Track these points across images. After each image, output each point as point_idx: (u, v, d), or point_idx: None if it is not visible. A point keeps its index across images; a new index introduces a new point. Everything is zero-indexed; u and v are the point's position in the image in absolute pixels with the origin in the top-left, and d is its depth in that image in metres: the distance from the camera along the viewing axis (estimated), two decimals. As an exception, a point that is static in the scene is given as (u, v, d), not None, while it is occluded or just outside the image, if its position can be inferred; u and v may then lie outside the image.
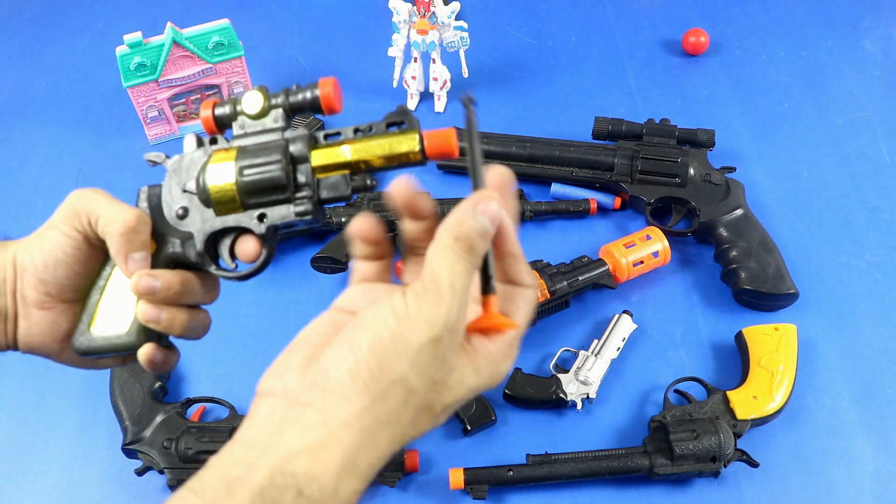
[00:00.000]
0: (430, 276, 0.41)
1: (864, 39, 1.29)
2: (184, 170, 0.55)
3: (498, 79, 1.24)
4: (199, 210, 0.54)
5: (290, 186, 0.52)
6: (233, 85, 1.15)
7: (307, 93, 0.53)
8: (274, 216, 0.53)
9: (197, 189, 0.54)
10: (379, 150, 0.52)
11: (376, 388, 0.39)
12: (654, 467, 0.80)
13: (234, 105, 0.55)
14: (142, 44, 1.06)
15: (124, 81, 1.08)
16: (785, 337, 0.88)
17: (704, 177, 1.02)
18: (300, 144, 0.52)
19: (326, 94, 0.52)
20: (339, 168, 0.52)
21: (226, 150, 0.54)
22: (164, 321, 0.53)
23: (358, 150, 0.52)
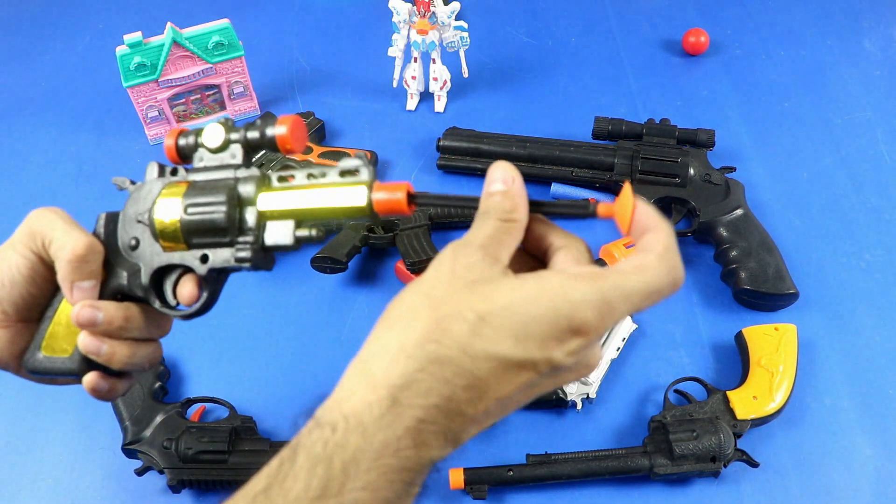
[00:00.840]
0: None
1: (864, 39, 1.29)
2: (141, 199, 0.53)
3: (498, 79, 1.24)
4: (149, 243, 0.53)
5: (232, 230, 0.50)
6: (233, 85, 1.15)
7: (266, 130, 0.51)
8: (216, 259, 0.52)
9: (148, 220, 0.52)
10: (326, 202, 0.49)
11: None
12: (654, 467, 0.80)
13: (196, 136, 0.53)
14: (142, 44, 1.06)
15: (124, 81, 1.08)
16: (785, 337, 0.88)
17: (704, 177, 1.02)
18: (250, 186, 0.50)
19: (282, 136, 0.50)
20: (286, 215, 0.50)
21: (178, 184, 0.53)
22: (105, 354, 0.52)
23: (305, 198, 0.49)
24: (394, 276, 1.00)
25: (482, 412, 0.40)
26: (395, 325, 0.40)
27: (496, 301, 0.38)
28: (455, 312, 0.38)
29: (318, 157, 1.08)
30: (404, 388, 0.38)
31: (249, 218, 0.50)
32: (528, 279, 0.39)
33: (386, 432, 0.38)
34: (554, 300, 0.38)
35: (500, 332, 0.38)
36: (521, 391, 0.40)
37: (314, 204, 0.49)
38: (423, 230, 0.98)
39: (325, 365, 0.92)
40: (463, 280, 0.39)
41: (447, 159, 1.09)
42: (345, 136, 1.17)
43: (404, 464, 0.39)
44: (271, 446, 0.82)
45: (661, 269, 0.40)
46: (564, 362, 0.39)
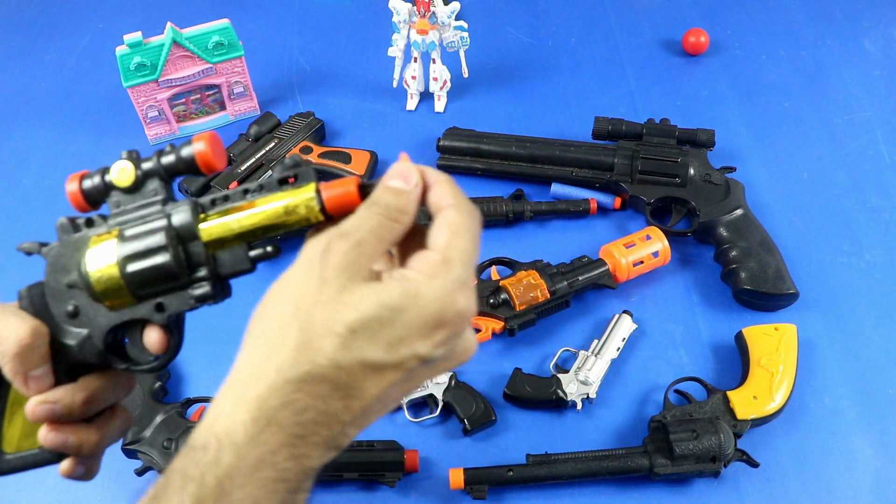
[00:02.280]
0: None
1: (864, 39, 1.29)
2: (63, 263, 0.47)
3: (498, 79, 1.24)
4: (90, 306, 0.47)
5: (182, 273, 0.46)
6: (233, 85, 1.15)
7: (182, 152, 0.46)
8: (172, 304, 0.48)
9: (81, 283, 0.47)
10: (274, 216, 0.46)
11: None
12: (654, 467, 0.80)
13: (102, 175, 0.47)
14: (142, 44, 1.06)
15: (124, 81, 1.08)
16: (785, 337, 0.88)
17: (704, 177, 1.02)
18: (185, 218, 0.46)
19: (202, 152, 0.46)
20: (235, 241, 0.46)
21: (104, 234, 0.47)
22: (72, 445, 0.48)
23: (250, 217, 0.46)
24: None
25: (360, 415, 0.41)
26: (266, 343, 0.40)
27: (364, 311, 0.39)
28: (325, 329, 0.38)
29: (318, 157, 1.08)
30: (280, 408, 0.38)
31: (197, 253, 0.46)
32: (391, 284, 0.40)
33: (261, 448, 0.38)
34: (416, 302, 0.39)
35: (371, 342, 0.39)
36: (397, 387, 0.41)
37: (262, 221, 0.46)
38: (423, 230, 0.98)
39: (325, 365, 0.92)
40: (331, 288, 0.39)
41: (447, 159, 1.09)
42: (345, 136, 1.17)
43: (284, 475, 0.38)
44: (271, 446, 0.82)
45: (467, 242, 0.42)
46: (434, 354, 0.40)
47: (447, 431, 0.87)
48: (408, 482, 0.83)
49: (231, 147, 1.09)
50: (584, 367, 0.88)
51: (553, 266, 0.94)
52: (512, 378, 0.88)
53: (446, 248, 0.41)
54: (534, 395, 0.87)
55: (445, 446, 0.86)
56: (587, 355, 0.90)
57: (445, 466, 0.83)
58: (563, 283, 0.92)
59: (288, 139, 1.10)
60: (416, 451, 0.83)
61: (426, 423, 0.88)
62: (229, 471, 0.37)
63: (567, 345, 0.93)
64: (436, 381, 0.88)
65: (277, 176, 0.46)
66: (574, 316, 0.96)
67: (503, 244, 1.03)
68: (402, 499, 0.82)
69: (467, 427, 0.85)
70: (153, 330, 0.48)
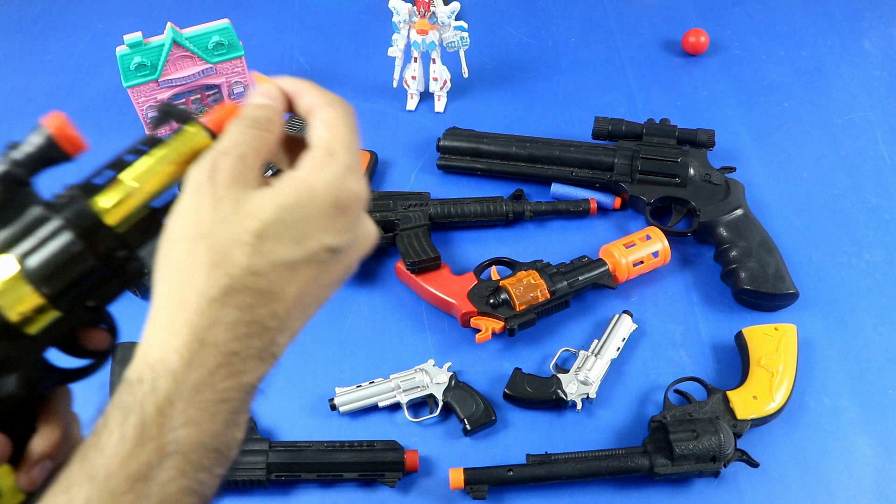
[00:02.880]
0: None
1: (864, 39, 1.29)
2: None
3: (498, 79, 1.24)
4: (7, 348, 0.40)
5: (102, 265, 0.41)
6: (233, 85, 1.15)
7: (33, 139, 0.41)
8: (103, 299, 0.42)
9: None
10: (172, 164, 0.43)
11: None
12: (654, 467, 0.80)
13: None
14: (142, 44, 1.06)
15: (124, 81, 1.08)
16: (785, 337, 0.88)
17: (704, 177, 1.02)
18: (79, 209, 0.40)
19: (59, 130, 0.41)
20: (142, 209, 0.42)
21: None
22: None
23: (147, 175, 0.42)
24: (394, 276, 1.00)
25: (286, 319, 0.41)
26: (179, 272, 0.40)
27: (265, 216, 0.39)
28: (232, 241, 0.39)
29: (318, 157, 1.08)
30: (210, 328, 0.38)
31: (108, 238, 0.41)
32: (282, 184, 0.41)
33: (198, 371, 0.38)
34: (311, 194, 0.41)
35: (279, 242, 0.40)
36: (313, 283, 0.42)
37: (162, 179, 0.43)
38: (423, 230, 0.98)
39: (325, 365, 0.92)
40: (227, 204, 0.40)
41: (447, 159, 1.09)
42: (345, 136, 1.16)
43: (224, 395, 0.39)
44: (271, 446, 0.82)
45: (345, 131, 0.44)
46: (340, 242, 0.42)
47: (447, 431, 0.87)
48: (408, 482, 0.83)
49: None
50: (584, 367, 0.88)
51: (553, 266, 0.94)
52: (512, 378, 0.88)
53: (327, 141, 0.43)
54: (534, 395, 0.87)
55: (445, 446, 0.86)
56: (587, 355, 0.90)
57: (445, 466, 0.83)
58: (563, 283, 0.92)
59: (288, 139, 1.09)
60: (416, 451, 0.83)
61: (426, 423, 0.88)
62: (169, 397, 0.37)
63: (567, 345, 0.93)
64: (436, 381, 0.88)
65: (153, 129, 0.45)
66: (574, 316, 0.96)
67: (503, 244, 1.03)
68: (402, 499, 0.82)
69: (467, 427, 0.85)
70: (95, 331, 0.46)
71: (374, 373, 0.90)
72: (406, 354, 0.93)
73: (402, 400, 0.87)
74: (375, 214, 1.00)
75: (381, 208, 1.01)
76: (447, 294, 0.93)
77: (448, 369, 0.89)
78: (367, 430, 0.87)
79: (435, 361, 0.90)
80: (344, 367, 0.92)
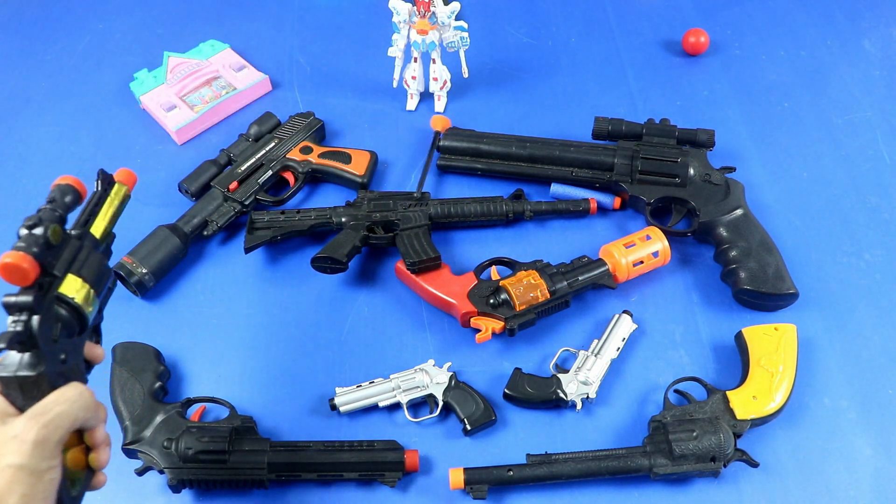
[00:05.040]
0: None
1: (864, 39, 1.29)
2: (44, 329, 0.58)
3: (498, 79, 1.24)
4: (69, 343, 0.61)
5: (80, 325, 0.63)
6: (231, 65, 1.23)
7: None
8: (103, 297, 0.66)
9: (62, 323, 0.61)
10: (111, 222, 0.68)
11: None
12: (654, 467, 0.80)
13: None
14: (147, 73, 1.21)
15: (139, 95, 1.18)
16: (785, 337, 0.88)
17: (704, 177, 1.02)
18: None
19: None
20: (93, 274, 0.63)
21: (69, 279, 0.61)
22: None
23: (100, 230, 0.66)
24: (394, 276, 1.00)
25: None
26: None
27: None
28: None
29: (318, 157, 1.09)
30: None
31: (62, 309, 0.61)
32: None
33: None
34: None
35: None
36: None
37: (108, 228, 0.68)
38: (423, 230, 0.98)
39: (325, 365, 0.92)
40: None
41: (447, 159, 1.09)
42: (345, 136, 1.17)
43: None
44: (271, 446, 0.82)
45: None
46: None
47: (447, 431, 0.87)
48: (408, 482, 0.83)
49: (231, 147, 1.09)
50: (584, 367, 0.88)
51: (553, 266, 0.94)
52: (512, 378, 0.88)
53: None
54: (534, 394, 0.87)
55: (445, 446, 0.86)
56: (587, 355, 0.90)
57: (445, 466, 0.83)
58: (563, 283, 0.92)
59: (288, 139, 1.10)
60: (416, 450, 0.83)
61: (426, 423, 0.88)
62: None
63: (567, 345, 0.93)
64: (436, 381, 0.88)
65: (95, 201, 0.67)
66: (574, 316, 0.96)
67: (503, 244, 1.03)
68: (402, 499, 0.82)
69: (467, 427, 0.85)
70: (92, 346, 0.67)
71: (374, 373, 0.90)
72: (406, 354, 0.93)
73: (402, 400, 0.87)
74: (375, 214, 1.00)
75: (381, 208, 1.01)
76: (447, 294, 0.93)
77: (448, 369, 0.89)
78: (367, 430, 0.87)
79: (435, 361, 0.90)
80: (344, 367, 0.92)
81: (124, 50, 1.30)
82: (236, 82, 1.20)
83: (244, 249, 0.99)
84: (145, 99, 1.18)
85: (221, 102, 1.17)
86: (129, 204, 0.70)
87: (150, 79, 1.20)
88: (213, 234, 1.01)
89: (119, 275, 0.95)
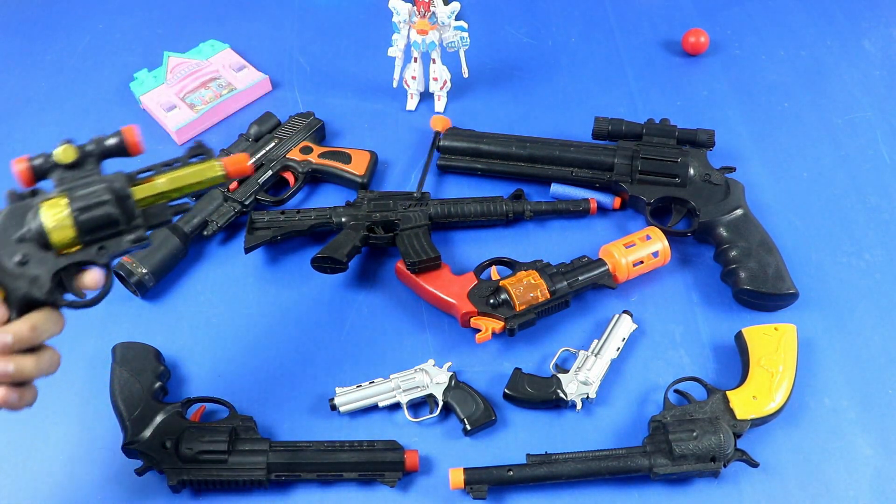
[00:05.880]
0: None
1: (864, 39, 1.29)
2: (13, 222, 0.61)
3: (498, 79, 1.24)
4: (38, 254, 0.61)
5: (122, 220, 0.62)
6: (230, 65, 1.23)
7: (114, 136, 0.64)
8: (112, 247, 0.63)
9: (32, 235, 0.61)
10: (189, 179, 0.66)
11: None
12: (654, 467, 0.80)
13: (46, 158, 0.62)
14: (147, 73, 1.21)
15: (139, 95, 1.18)
16: (785, 337, 0.88)
17: (704, 177, 1.02)
18: (120, 184, 0.62)
19: (131, 139, 0.64)
20: (159, 198, 0.65)
21: (53, 198, 0.61)
22: (13, 372, 0.59)
23: (171, 180, 0.65)
24: (394, 276, 1.00)
25: None
26: None
27: None
28: None
29: (318, 157, 1.09)
30: None
31: (131, 207, 0.63)
32: None
33: None
34: None
35: None
36: None
37: (180, 184, 0.65)
38: (423, 230, 0.98)
39: (325, 365, 0.92)
40: None
41: (447, 159, 1.09)
42: (345, 136, 1.17)
43: None
44: (271, 446, 0.82)
45: None
46: None
47: (447, 431, 0.87)
48: (408, 482, 0.83)
49: (231, 147, 1.09)
50: (584, 367, 0.88)
51: (553, 266, 0.94)
52: (512, 378, 0.88)
53: None
54: (534, 394, 0.87)
55: (445, 446, 0.86)
56: (587, 355, 0.90)
57: (445, 466, 0.83)
58: (563, 283, 0.92)
59: (288, 139, 1.10)
60: (416, 450, 0.83)
61: (426, 422, 0.88)
62: None
63: (567, 345, 0.93)
64: (436, 381, 0.88)
65: (188, 155, 0.66)
66: (574, 316, 0.96)
67: (503, 244, 1.03)
68: (402, 499, 0.82)
69: (467, 427, 0.85)
70: (92, 271, 0.64)
71: (374, 373, 0.90)
72: (406, 354, 0.93)
73: (402, 400, 0.87)
74: (375, 214, 1.00)
75: (381, 208, 1.01)
76: (447, 294, 0.93)
77: (448, 369, 0.89)
78: (367, 430, 0.87)
79: (435, 361, 0.90)
80: (344, 367, 0.92)
81: (124, 50, 1.30)
82: (236, 82, 1.20)
83: (244, 249, 0.99)
84: (145, 99, 1.18)
85: (221, 102, 1.17)
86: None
87: (150, 79, 1.20)
88: (213, 234, 1.01)
89: (119, 275, 0.95)
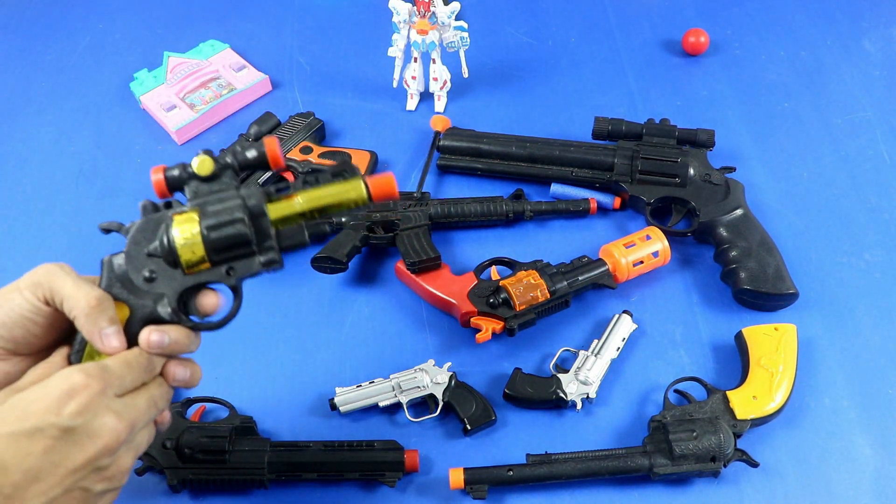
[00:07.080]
0: None
1: (864, 39, 1.29)
2: (146, 236, 0.58)
3: (498, 79, 1.24)
4: (166, 271, 0.58)
5: (254, 240, 0.57)
6: (230, 65, 1.22)
7: (254, 149, 0.59)
8: (241, 269, 0.58)
9: (162, 251, 0.57)
10: (330, 199, 0.59)
11: None
12: (653, 467, 0.80)
13: (183, 169, 0.58)
14: (147, 73, 1.21)
15: (139, 95, 1.18)
16: (785, 337, 0.88)
17: (704, 177, 1.02)
18: (256, 200, 0.57)
19: (272, 151, 0.59)
20: (295, 219, 0.59)
21: (186, 212, 0.57)
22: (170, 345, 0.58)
23: (310, 200, 0.58)
24: (394, 276, 1.00)
25: (10, 489, 0.48)
26: None
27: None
28: None
29: (318, 157, 1.09)
30: None
31: (265, 227, 0.57)
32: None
33: None
34: (36, 387, 0.52)
35: (4, 419, 0.49)
36: (45, 461, 0.49)
37: (319, 204, 0.58)
38: (423, 230, 0.98)
39: (325, 365, 0.92)
40: None
41: (447, 159, 1.09)
42: (345, 136, 1.17)
43: None
44: (271, 446, 0.82)
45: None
46: (71, 422, 0.50)
47: (447, 431, 0.87)
48: (408, 482, 0.83)
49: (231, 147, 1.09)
50: (584, 367, 0.88)
51: (553, 266, 0.94)
52: (512, 378, 0.88)
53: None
54: (534, 395, 0.87)
55: (445, 446, 0.86)
56: (587, 355, 0.90)
57: (445, 466, 0.83)
58: (563, 283, 0.92)
59: (288, 139, 1.10)
60: (416, 450, 0.83)
61: (426, 423, 0.88)
62: None
63: (567, 345, 0.93)
64: (435, 381, 0.88)
65: (332, 171, 0.59)
66: (574, 316, 0.96)
67: (503, 244, 1.03)
68: (402, 499, 0.82)
69: (467, 427, 0.85)
70: (210, 294, 0.60)
71: (374, 373, 0.90)
72: (406, 354, 0.93)
73: (402, 400, 0.87)
74: (376, 214, 1.00)
75: (381, 208, 1.01)
76: (447, 294, 0.93)
77: (448, 369, 0.89)
78: (367, 430, 0.87)
79: (435, 361, 0.90)
80: (344, 367, 0.92)
81: (124, 50, 1.30)
82: (236, 82, 1.20)
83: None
84: (145, 99, 1.18)
85: (221, 102, 1.17)
86: (130, 204, 0.70)
87: (150, 79, 1.20)
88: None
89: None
